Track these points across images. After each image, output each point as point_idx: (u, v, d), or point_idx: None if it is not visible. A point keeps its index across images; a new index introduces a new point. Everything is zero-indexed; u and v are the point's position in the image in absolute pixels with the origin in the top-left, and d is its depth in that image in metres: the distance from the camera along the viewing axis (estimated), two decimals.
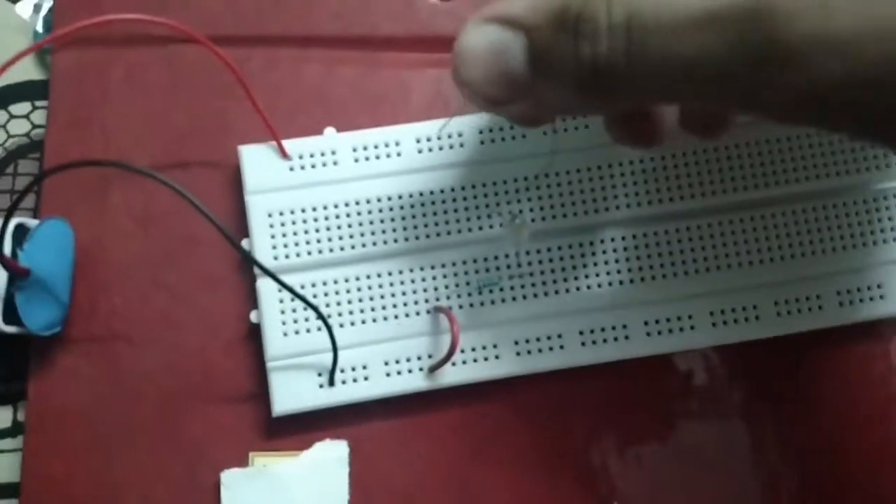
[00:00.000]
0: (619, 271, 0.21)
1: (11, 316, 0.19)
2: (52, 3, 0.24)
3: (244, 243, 0.21)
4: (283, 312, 0.20)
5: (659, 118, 0.18)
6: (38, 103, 0.24)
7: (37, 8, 0.24)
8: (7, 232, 0.18)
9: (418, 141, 0.21)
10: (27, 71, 0.24)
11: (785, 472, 0.21)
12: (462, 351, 0.20)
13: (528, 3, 0.14)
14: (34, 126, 0.23)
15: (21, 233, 0.20)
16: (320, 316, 0.19)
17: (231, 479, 0.20)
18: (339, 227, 0.21)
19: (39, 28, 0.24)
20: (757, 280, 0.21)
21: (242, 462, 0.21)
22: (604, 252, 0.21)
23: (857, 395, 0.22)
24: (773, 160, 0.21)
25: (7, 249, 0.19)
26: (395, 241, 0.21)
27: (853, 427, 0.21)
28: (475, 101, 0.16)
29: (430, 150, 0.21)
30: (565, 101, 0.15)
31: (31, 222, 0.20)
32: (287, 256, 0.21)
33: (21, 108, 0.24)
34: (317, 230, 0.21)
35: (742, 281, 0.21)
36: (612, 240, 0.21)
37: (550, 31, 0.14)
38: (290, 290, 0.19)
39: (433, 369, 0.20)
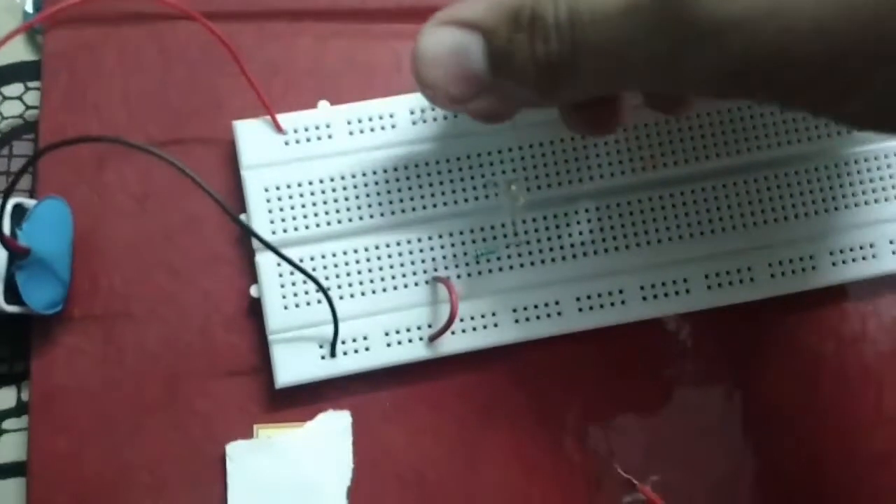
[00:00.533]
0: (614, 238, 0.21)
1: (13, 295, 0.20)
2: None
3: (241, 218, 0.21)
4: (282, 286, 0.20)
5: (613, 106, 0.18)
6: (30, 84, 0.24)
7: None
8: (6, 211, 0.18)
9: (412, 112, 0.21)
10: (18, 52, 0.24)
11: (773, 435, 0.21)
12: (461, 320, 0.21)
13: (484, 5, 0.15)
14: (27, 107, 0.23)
15: (19, 213, 0.20)
16: (320, 287, 0.20)
17: (236, 452, 0.21)
18: (335, 201, 0.21)
19: (29, 8, 0.24)
20: (750, 243, 0.21)
21: (247, 435, 0.21)
22: (598, 220, 0.21)
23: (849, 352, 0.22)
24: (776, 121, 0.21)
25: (6, 229, 0.19)
26: (392, 212, 0.21)
27: (846, 386, 0.22)
28: (437, 101, 0.17)
29: (425, 121, 0.21)
30: (525, 96, 0.16)
31: (29, 202, 0.20)
32: (285, 231, 0.21)
33: (14, 89, 0.23)
34: (314, 203, 0.21)
35: (736, 244, 0.21)
36: (608, 207, 0.21)
37: (507, 32, 0.15)
38: (290, 261, 0.19)
39: (433, 338, 0.20)
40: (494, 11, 0.15)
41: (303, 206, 0.21)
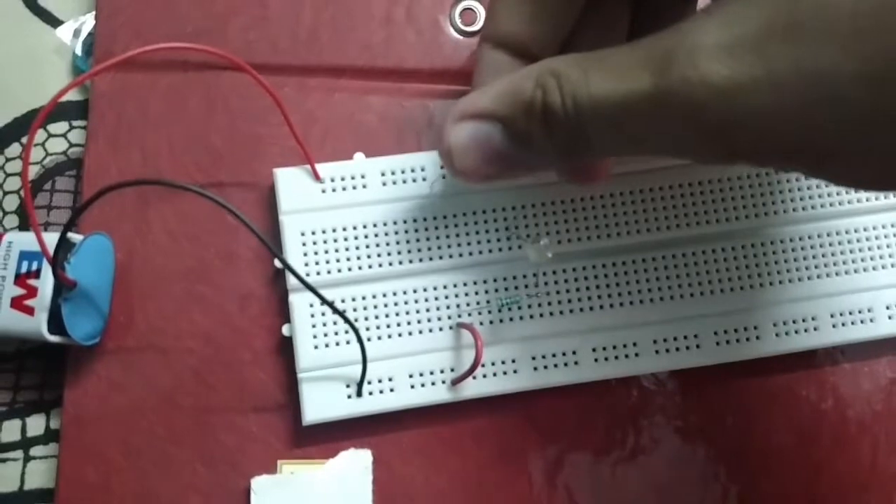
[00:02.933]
0: (629, 293, 0.22)
1: (56, 325, 0.20)
2: (91, 27, 0.25)
3: (278, 261, 0.22)
4: (314, 326, 0.21)
5: (600, 161, 0.21)
6: (75, 123, 0.25)
7: (76, 33, 0.25)
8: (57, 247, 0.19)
9: (442, 167, 0.22)
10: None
11: (772, 488, 0.22)
12: (483, 365, 0.22)
13: (494, 96, 0.17)
14: (71, 145, 0.24)
15: (66, 246, 0.21)
16: (352, 326, 0.20)
17: (261, 486, 0.21)
18: (367, 247, 0.22)
19: (79, 51, 0.25)
20: (757, 302, 0.22)
21: (271, 470, 0.22)
22: (615, 275, 0.22)
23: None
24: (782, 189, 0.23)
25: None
26: (421, 259, 0.22)
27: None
28: (471, 182, 0.19)
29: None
30: (546, 164, 0.19)
31: (76, 237, 0.21)
32: (318, 273, 0.22)
33: (59, 127, 0.25)
34: (346, 249, 0.22)
35: (744, 303, 0.22)
36: (624, 263, 0.22)
37: (523, 121, 0.17)
38: (324, 299, 0.20)
39: (456, 382, 0.21)
40: (507, 103, 0.17)
41: (336, 250, 0.22)
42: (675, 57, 0.14)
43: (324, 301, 0.20)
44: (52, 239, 0.19)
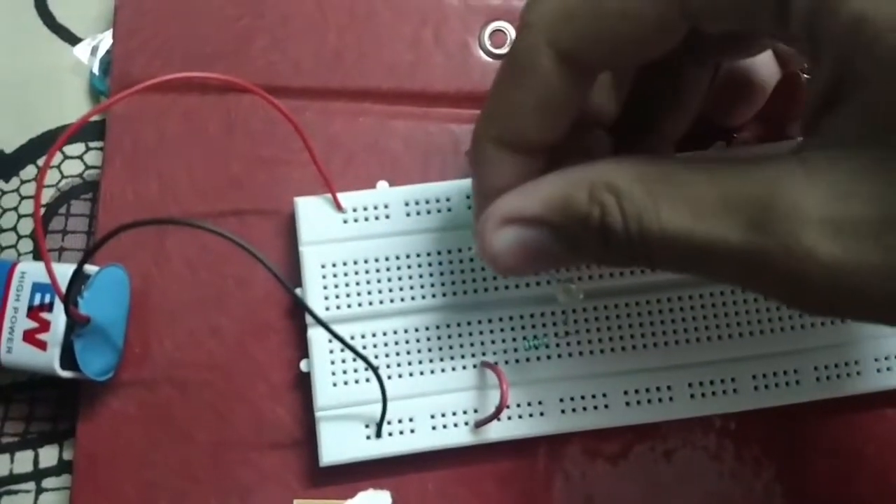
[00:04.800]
0: (664, 332, 0.21)
1: (68, 361, 0.20)
2: (109, 45, 0.24)
3: (297, 292, 0.21)
4: (332, 363, 0.21)
5: None
6: (91, 144, 0.24)
7: (94, 50, 0.24)
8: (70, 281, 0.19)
9: (468, 197, 0.21)
10: (82, 112, 0.24)
11: None
12: (508, 406, 0.21)
13: (543, 202, 0.16)
14: (87, 167, 0.24)
15: (80, 278, 0.20)
16: (370, 367, 0.20)
17: None
18: (389, 280, 0.21)
19: (96, 70, 0.24)
20: (798, 345, 0.21)
21: None
22: (649, 313, 0.21)
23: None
24: None
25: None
26: (445, 294, 0.21)
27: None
28: (518, 276, 0.18)
29: None
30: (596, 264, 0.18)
31: (90, 269, 0.20)
32: (338, 307, 0.21)
33: (75, 149, 0.24)
34: (368, 282, 0.21)
35: (784, 346, 0.21)
36: (658, 301, 0.21)
37: (575, 230, 0.16)
38: (343, 341, 0.19)
39: (479, 425, 0.20)
40: (559, 211, 0.16)
41: (357, 283, 0.21)
42: (772, 217, 0.13)
43: (342, 341, 0.19)
44: (64, 269, 0.19)
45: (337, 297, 0.21)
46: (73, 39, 0.25)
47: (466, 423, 0.21)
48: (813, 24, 0.14)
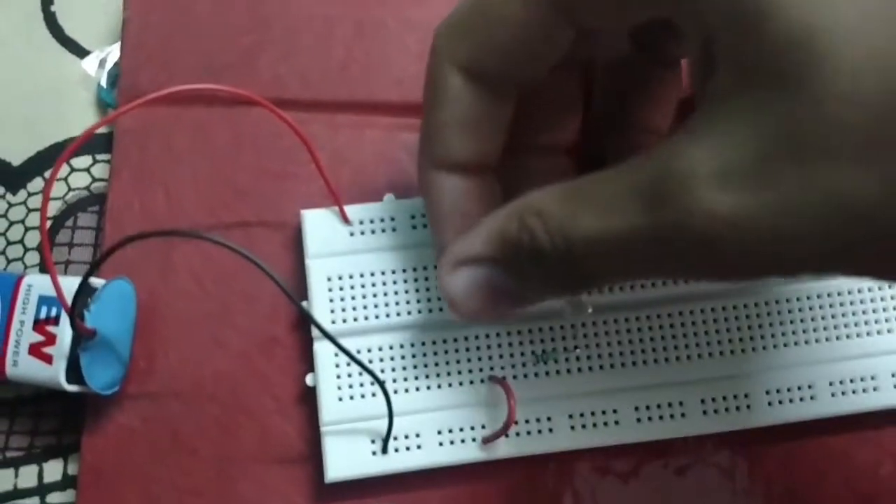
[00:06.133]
0: (675, 347, 0.21)
1: (74, 374, 0.20)
2: (116, 58, 0.24)
3: (303, 305, 0.21)
4: (338, 377, 0.20)
5: None
6: (98, 156, 0.24)
7: (102, 63, 0.24)
8: (75, 294, 0.18)
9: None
10: (88, 125, 0.24)
11: None
12: (516, 423, 0.20)
13: (481, 240, 0.16)
14: (94, 179, 0.24)
15: (86, 290, 0.20)
16: (377, 380, 0.19)
17: None
18: (396, 293, 0.21)
19: (104, 83, 0.24)
20: (812, 359, 0.21)
21: None
22: (660, 328, 0.21)
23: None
24: None
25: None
26: None
27: None
28: (486, 321, 0.19)
29: None
30: (551, 295, 0.18)
31: (97, 282, 0.20)
32: (345, 321, 0.21)
33: (82, 161, 0.24)
34: (374, 295, 0.21)
35: (798, 359, 0.21)
36: (669, 315, 0.21)
37: (515, 261, 0.16)
38: (349, 354, 0.19)
39: (487, 441, 0.20)
40: (495, 245, 0.16)
41: (364, 296, 0.21)
42: (667, 189, 0.13)
43: (347, 354, 0.19)
44: (70, 282, 0.19)
45: (343, 310, 0.21)
46: (81, 52, 0.25)
47: (474, 440, 0.20)
48: None
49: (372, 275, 0.21)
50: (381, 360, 0.21)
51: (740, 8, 0.13)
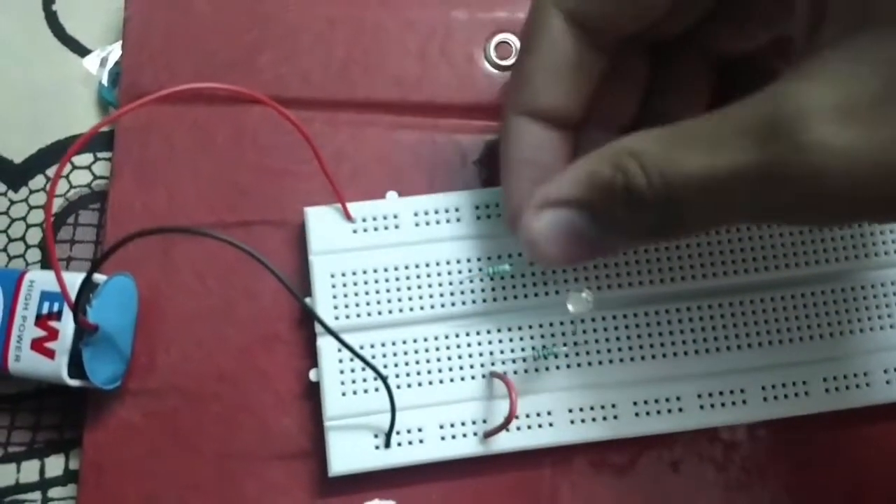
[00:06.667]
0: (673, 343, 0.21)
1: (76, 369, 0.20)
2: (118, 57, 0.24)
3: (306, 302, 0.21)
4: (342, 372, 0.21)
5: None
6: (99, 154, 0.24)
7: (103, 62, 0.25)
8: (79, 289, 0.19)
9: (477, 207, 0.21)
10: (90, 122, 0.24)
11: None
12: (517, 417, 0.21)
13: (571, 183, 0.16)
14: (95, 177, 0.24)
15: (88, 286, 0.20)
16: (380, 376, 0.20)
17: None
18: (398, 290, 0.21)
19: (105, 81, 0.24)
20: (807, 356, 0.21)
21: None
22: (658, 324, 0.21)
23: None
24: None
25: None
26: (454, 304, 0.21)
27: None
28: (558, 266, 0.19)
29: (489, 216, 0.21)
30: (632, 245, 0.18)
31: (99, 277, 0.20)
32: (347, 317, 0.21)
33: (84, 159, 0.24)
34: (377, 291, 0.21)
35: (793, 357, 0.21)
36: (668, 311, 0.21)
37: (605, 204, 0.16)
38: (352, 350, 0.19)
39: (488, 436, 0.20)
40: (585, 187, 0.16)
41: (366, 293, 0.21)
42: (781, 124, 0.13)
43: (351, 350, 0.19)
44: (73, 278, 0.19)
45: (346, 306, 0.21)
46: (82, 51, 0.25)
47: (475, 434, 0.21)
48: None
49: (375, 271, 0.21)
50: (384, 355, 0.21)
51: None
